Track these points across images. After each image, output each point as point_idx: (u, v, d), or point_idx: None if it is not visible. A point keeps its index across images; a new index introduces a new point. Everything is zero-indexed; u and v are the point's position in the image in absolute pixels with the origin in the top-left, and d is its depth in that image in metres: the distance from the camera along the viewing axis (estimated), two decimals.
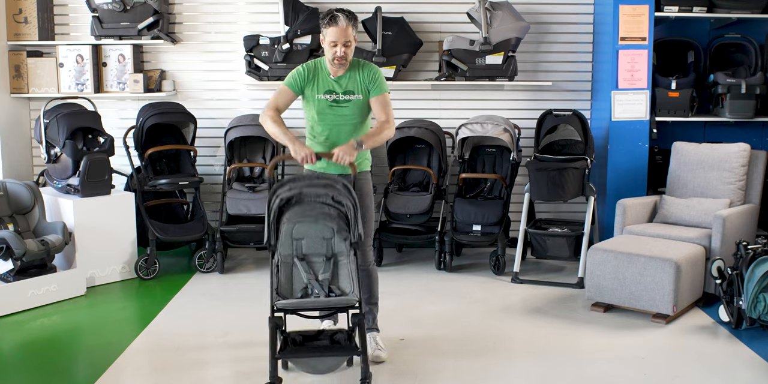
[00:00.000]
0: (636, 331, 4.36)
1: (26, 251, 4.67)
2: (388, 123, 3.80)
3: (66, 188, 5.26)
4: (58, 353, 4.07)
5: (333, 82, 3.79)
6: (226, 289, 5.17)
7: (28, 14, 5.83)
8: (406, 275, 5.48)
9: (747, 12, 5.56)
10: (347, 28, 3.70)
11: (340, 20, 3.69)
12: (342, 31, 3.69)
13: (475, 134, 5.55)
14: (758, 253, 4.33)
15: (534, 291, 5.14)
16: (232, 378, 3.76)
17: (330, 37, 3.71)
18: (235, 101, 6.18)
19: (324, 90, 3.80)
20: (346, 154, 3.64)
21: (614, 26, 5.49)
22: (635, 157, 5.60)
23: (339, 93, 3.80)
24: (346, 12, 3.74)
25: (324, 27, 3.74)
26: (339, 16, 3.71)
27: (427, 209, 5.52)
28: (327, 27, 3.72)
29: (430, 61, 6.10)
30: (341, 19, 3.70)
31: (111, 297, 5.05)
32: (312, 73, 3.82)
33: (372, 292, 3.98)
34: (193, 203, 5.83)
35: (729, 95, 5.51)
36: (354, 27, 3.74)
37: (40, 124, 5.34)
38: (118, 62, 5.94)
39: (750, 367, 3.86)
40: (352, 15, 3.75)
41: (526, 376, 3.76)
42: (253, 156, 5.97)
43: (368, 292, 3.95)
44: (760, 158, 5.21)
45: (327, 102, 3.80)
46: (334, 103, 3.80)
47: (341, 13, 3.72)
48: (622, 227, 5.11)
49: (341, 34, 3.69)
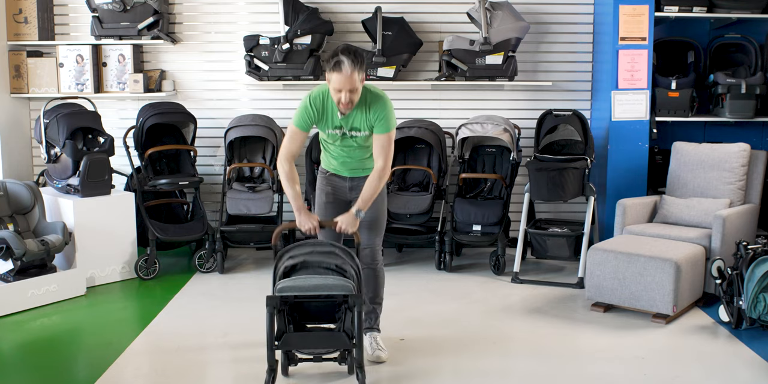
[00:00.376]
0: (636, 331, 4.36)
1: (26, 251, 4.67)
2: (384, 170, 3.73)
3: (66, 188, 5.26)
4: (58, 353, 4.07)
5: (341, 120, 3.74)
6: (226, 289, 5.17)
7: (28, 14, 5.83)
8: (406, 275, 5.49)
9: (747, 12, 5.56)
10: (352, 74, 3.50)
11: (344, 67, 3.48)
12: (346, 79, 3.50)
13: (475, 134, 5.55)
14: (758, 253, 4.33)
15: (534, 291, 5.14)
16: (232, 378, 3.76)
17: (334, 83, 3.55)
18: (235, 101, 6.18)
19: (332, 125, 3.76)
20: (349, 226, 3.69)
21: (614, 26, 5.49)
22: (635, 157, 5.60)
23: (345, 129, 3.77)
24: (352, 55, 3.51)
25: (328, 71, 3.55)
26: (344, 61, 3.48)
27: (427, 209, 5.52)
28: (331, 72, 3.53)
29: (430, 61, 6.10)
30: (346, 65, 3.48)
31: (111, 297, 5.05)
32: (320, 111, 3.71)
33: (377, 292, 3.99)
34: (193, 203, 5.83)
35: (729, 95, 5.51)
36: (360, 70, 3.53)
37: (40, 124, 5.34)
38: (118, 62, 5.94)
39: (750, 367, 3.86)
40: (358, 58, 3.53)
41: (526, 376, 3.75)
42: (253, 156, 5.97)
43: (373, 292, 3.96)
44: (760, 158, 5.21)
45: (336, 135, 3.80)
46: (343, 136, 3.79)
47: (347, 58, 3.49)
48: (622, 227, 5.12)
49: (346, 82, 3.51)
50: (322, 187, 3.96)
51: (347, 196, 3.94)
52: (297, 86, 6.06)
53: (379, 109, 3.69)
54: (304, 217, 3.72)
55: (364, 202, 3.72)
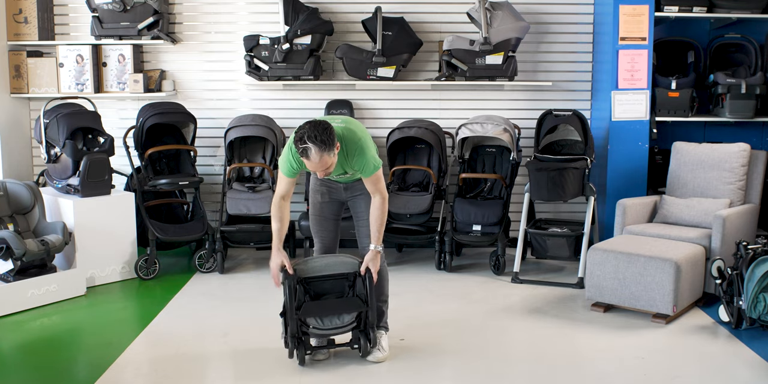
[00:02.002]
0: (636, 331, 4.36)
1: (26, 251, 4.67)
2: (383, 202, 3.79)
3: (66, 188, 5.26)
4: (58, 353, 4.07)
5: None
6: (226, 289, 5.17)
7: (28, 14, 5.83)
8: (406, 275, 5.48)
9: (747, 12, 5.56)
10: (321, 158, 3.46)
11: (311, 154, 3.44)
12: (316, 164, 3.50)
13: (475, 134, 5.55)
14: (758, 253, 4.33)
15: (534, 291, 5.14)
16: (232, 378, 3.76)
17: (306, 164, 3.56)
18: (235, 101, 6.18)
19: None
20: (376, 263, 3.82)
21: (614, 26, 5.49)
22: (635, 157, 5.60)
23: (333, 178, 3.85)
24: (318, 140, 3.42)
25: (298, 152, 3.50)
26: (310, 149, 3.43)
27: (427, 209, 5.52)
28: (301, 157, 3.51)
29: (430, 61, 6.10)
30: (313, 152, 3.43)
31: (111, 297, 5.05)
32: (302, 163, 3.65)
33: (382, 291, 4.00)
34: (193, 203, 5.83)
35: (729, 95, 5.51)
36: (329, 150, 3.46)
37: (40, 124, 5.33)
38: (118, 62, 5.94)
39: (750, 367, 3.86)
40: (325, 142, 3.43)
41: (526, 376, 3.76)
42: (253, 156, 5.97)
43: (378, 290, 3.97)
44: (760, 158, 5.21)
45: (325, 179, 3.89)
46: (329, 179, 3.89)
47: (314, 145, 3.42)
48: (622, 227, 5.12)
49: (316, 166, 3.52)
50: (316, 188, 3.97)
51: (342, 196, 3.96)
52: (297, 86, 6.06)
53: (359, 159, 3.68)
54: (274, 254, 3.78)
55: (378, 235, 3.81)
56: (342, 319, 3.77)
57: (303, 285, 3.83)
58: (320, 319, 3.75)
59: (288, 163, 3.73)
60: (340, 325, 3.77)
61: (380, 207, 3.79)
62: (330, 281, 3.87)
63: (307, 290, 3.85)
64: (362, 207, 3.92)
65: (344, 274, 3.87)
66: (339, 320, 3.77)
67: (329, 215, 3.96)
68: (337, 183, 3.93)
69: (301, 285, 3.81)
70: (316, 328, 3.75)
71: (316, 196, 3.96)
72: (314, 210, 3.97)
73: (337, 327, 3.77)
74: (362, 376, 3.73)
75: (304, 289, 3.83)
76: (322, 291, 3.88)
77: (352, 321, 3.80)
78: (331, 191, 3.94)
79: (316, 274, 3.85)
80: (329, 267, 3.86)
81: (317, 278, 3.85)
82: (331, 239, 3.98)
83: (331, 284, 3.88)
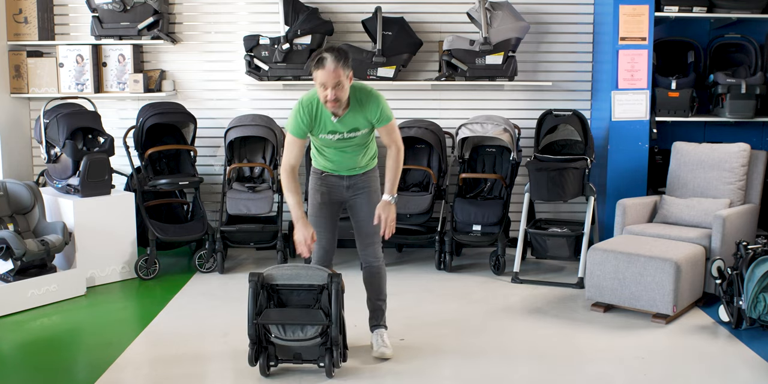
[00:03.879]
0: (636, 331, 4.36)
1: (26, 251, 4.67)
2: (399, 152, 3.85)
3: (66, 188, 5.26)
4: (58, 353, 4.07)
5: (336, 123, 3.72)
6: (226, 289, 5.18)
7: (28, 14, 5.83)
8: (406, 275, 5.48)
9: (747, 12, 5.56)
10: (335, 69, 3.49)
11: (327, 63, 3.49)
12: (329, 74, 3.50)
13: (475, 134, 5.55)
14: (758, 253, 4.33)
15: (534, 291, 5.14)
16: (232, 378, 3.76)
17: (318, 80, 3.55)
18: (235, 101, 6.18)
19: (328, 130, 3.75)
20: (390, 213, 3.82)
21: (614, 26, 5.49)
22: (635, 157, 5.60)
23: (343, 132, 3.76)
24: (335, 52, 3.53)
25: (313, 69, 3.56)
26: (326, 58, 3.50)
27: (427, 209, 5.52)
28: (315, 69, 3.54)
29: (430, 61, 6.10)
30: (328, 61, 3.49)
31: (111, 297, 5.05)
32: (313, 116, 3.70)
33: (380, 289, 4.00)
34: (193, 203, 5.83)
35: (729, 95, 5.51)
36: (344, 67, 3.53)
37: (40, 124, 5.34)
38: (118, 62, 5.94)
39: (750, 367, 3.86)
40: (342, 54, 3.53)
41: (525, 376, 3.75)
42: (253, 156, 5.97)
43: (377, 289, 3.98)
44: (760, 158, 5.21)
45: (330, 139, 3.79)
46: (340, 140, 3.80)
47: (330, 54, 3.51)
48: (622, 227, 5.12)
49: (329, 77, 3.50)
50: (316, 188, 3.95)
51: (343, 196, 3.94)
52: (297, 86, 6.06)
53: (373, 105, 3.72)
54: (300, 226, 3.73)
55: (392, 185, 3.84)
56: (305, 332, 3.59)
57: (269, 292, 3.72)
58: (282, 328, 3.60)
59: (296, 116, 3.72)
60: (303, 338, 3.60)
61: (396, 157, 3.85)
62: (297, 291, 3.73)
63: (272, 297, 3.73)
64: (362, 207, 3.91)
65: (312, 285, 3.70)
66: (302, 333, 3.59)
67: (328, 216, 3.95)
68: (339, 179, 3.90)
69: (266, 291, 3.70)
70: (278, 337, 3.61)
71: (315, 196, 3.96)
72: (313, 210, 3.97)
73: (299, 339, 3.60)
74: (362, 376, 3.73)
75: (269, 295, 3.72)
76: (287, 301, 3.75)
77: (316, 335, 3.61)
78: (332, 191, 3.93)
79: (285, 282, 3.71)
80: (299, 277, 3.71)
81: (285, 287, 3.72)
82: (329, 240, 3.97)
83: (298, 295, 3.73)
